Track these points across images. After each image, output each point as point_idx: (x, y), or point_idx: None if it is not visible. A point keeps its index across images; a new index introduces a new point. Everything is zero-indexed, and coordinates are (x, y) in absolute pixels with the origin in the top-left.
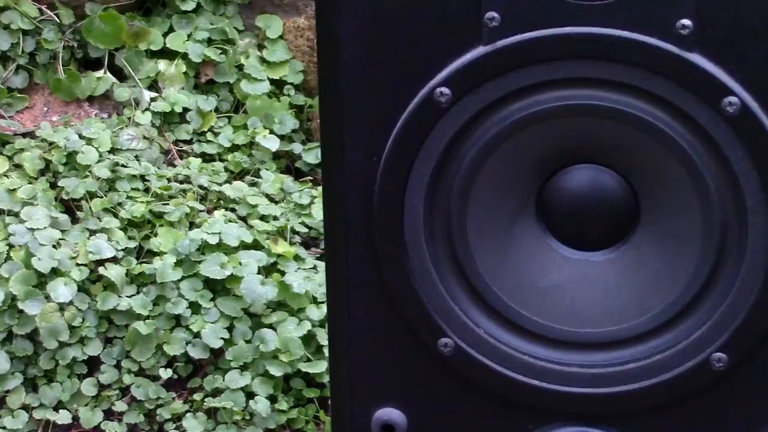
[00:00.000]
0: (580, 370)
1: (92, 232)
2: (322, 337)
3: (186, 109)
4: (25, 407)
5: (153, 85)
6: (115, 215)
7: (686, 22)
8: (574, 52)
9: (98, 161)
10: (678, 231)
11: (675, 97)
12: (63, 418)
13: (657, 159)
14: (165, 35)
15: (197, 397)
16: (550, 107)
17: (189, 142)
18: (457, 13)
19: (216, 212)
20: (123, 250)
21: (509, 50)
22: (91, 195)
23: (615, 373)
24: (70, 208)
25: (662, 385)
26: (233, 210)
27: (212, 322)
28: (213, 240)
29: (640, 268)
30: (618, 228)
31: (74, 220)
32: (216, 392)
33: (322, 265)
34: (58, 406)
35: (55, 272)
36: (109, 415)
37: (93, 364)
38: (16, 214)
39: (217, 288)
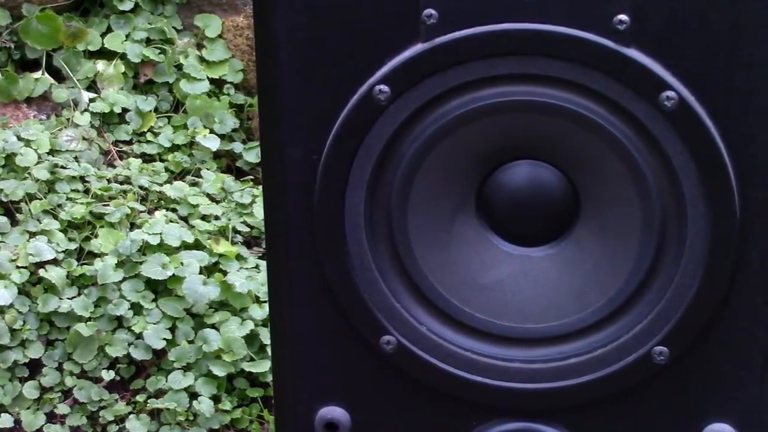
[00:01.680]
0: (522, 365)
1: (32, 234)
2: (265, 336)
3: (125, 110)
4: None
5: (92, 86)
6: (55, 217)
7: (623, 17)
8: (512, 48)
9: (37, 163)
10: (618, 226)
11: (613, 93)
12: (5, 421)
13: (596, 154)
14: (103, 35)
15: (140, 398)
16: (488, 104)
17: (129, 142)
18: (394, 10)
19: (157, 213)
20: (63, 251)
21: (447, 47)
22: (31, 197)
23: (557, 368)
24: (9, 210)
25: (604, 380)
26: (174, 210)
27: (154, 323)
28: (154, 240)
29: (581, 263)
30: (558, 223)
31: (13, 223)
32: (159, 393)
33: (264, 265)
34: (0, 409)
35: None
36: (52, 417)
37: (34, 367)
38: None
39: (159, 289)
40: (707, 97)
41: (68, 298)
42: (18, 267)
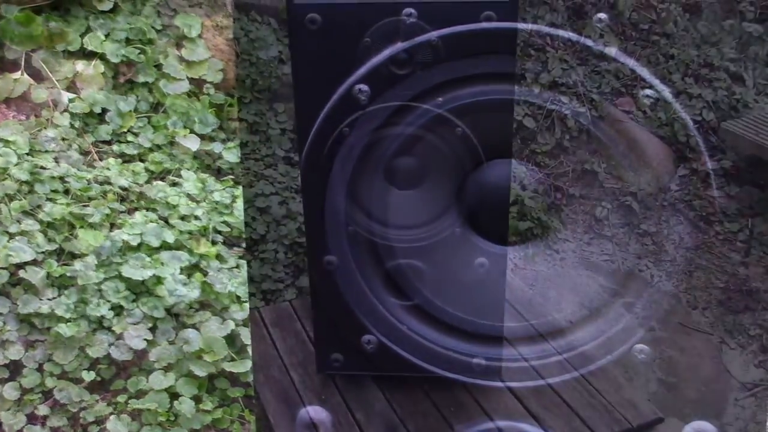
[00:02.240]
0: (504, 364)
1: (12, 235)
2: (246, 336)
3: (105, 110)
4: None
5: (71, 86)
6: (35, 217)
7: (602, 16)
8: (493, 47)
9: (17, 163)
10: (598, 225)
11: (593, 91)
12: None
13: (577, 153)
14: (82, 35)
15: (121, 399)
16: (469, 102)
17: (109, 142)
18: (375, 9)
19: (137, 213)
20: (43, 252)
21: (428, 46)
22: (10, 198)
23: (539, 367)
24: None
25: (586, 377)
26: (154, 210)
27: (135, 324)
28: (134, 241)
29: (563, 262)
30: (540, 223)
31: None
32: (140, 394)
33: (244, 264)
34: None
35: None
36: (32, 419)
37: (15, 368)
38: None
39: (140, 289)
40: (687, 97)
41: (48, 299)
42: None
